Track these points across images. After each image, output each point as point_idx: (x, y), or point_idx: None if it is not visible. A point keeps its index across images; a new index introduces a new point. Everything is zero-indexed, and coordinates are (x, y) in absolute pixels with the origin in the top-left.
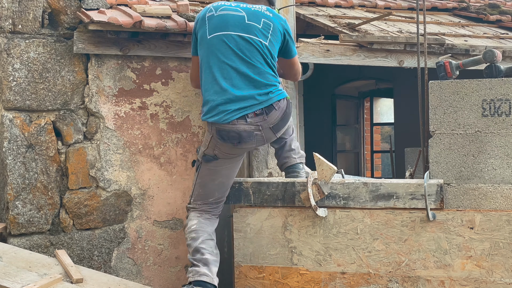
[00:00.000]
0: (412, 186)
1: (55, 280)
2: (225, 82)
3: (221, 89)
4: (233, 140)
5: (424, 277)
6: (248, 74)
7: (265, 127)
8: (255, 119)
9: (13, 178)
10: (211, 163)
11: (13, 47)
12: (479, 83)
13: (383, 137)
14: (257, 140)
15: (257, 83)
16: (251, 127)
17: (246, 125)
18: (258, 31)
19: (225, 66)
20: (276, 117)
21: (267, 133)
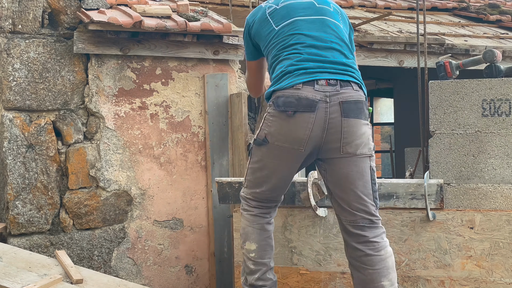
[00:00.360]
0: (412, 186)
1: (55, 281)
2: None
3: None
4: (288, 107)
5: (424, 277)
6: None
7: (334, 101)
8: (325, 87)
9: (13, 178)
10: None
11: (13, 47)
12: (479, 83)
13: (383, 137)
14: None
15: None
16: (316, 95)
17: (311, 92)
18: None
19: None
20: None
21: (333, 110)
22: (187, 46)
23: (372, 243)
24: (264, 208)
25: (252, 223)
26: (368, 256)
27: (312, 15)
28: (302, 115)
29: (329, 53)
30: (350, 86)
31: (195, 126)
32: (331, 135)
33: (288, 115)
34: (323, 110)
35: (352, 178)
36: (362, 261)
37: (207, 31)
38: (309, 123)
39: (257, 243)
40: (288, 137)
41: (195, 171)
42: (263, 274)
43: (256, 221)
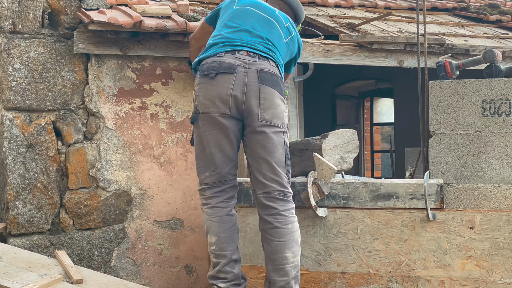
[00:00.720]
0: (412, 186)
1: (55, 281)
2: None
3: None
4: (211, 71)
5: (424, 277)
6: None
7: (252, 68)
8: (245, 57)
9: (13, 178)
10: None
11: (13, 47)
12: (479, 83)
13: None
14: (236, 79)
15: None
16: (236, 61)
17: (232, 59)
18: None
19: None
20: (268, 68)
21: (251, 76)
22: (188, 46)
23: (281, 216)
24: (219, 193)
25: (211, 216)
26: (275, 228)
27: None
28: (223, 76)
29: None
30: (267, 61)
31: None
32: (250, 99)
33: (211, 77)
34: (241, 74)
35: (268, 149)
36: (270, 233)
37: None
38: (229, 83)
39: (216, 235)
40: (213, 98)
41: (195, 171)
42: (223, 266)
43: (215, 214)
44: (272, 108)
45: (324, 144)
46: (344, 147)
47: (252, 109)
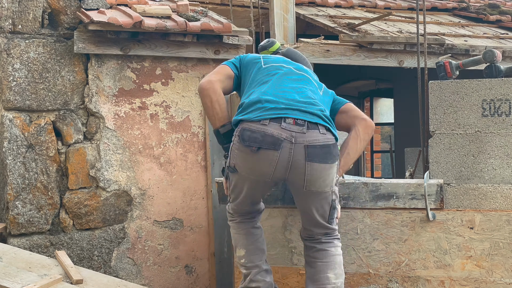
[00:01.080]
0: (412, 186)
1: (55, 281)
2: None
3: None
4: (253, 143)
5: (424, 277)
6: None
7: (299, 142)
8: (292, 126)
9: (13, 178)
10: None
11: (13, 47)
12: (479, 83)
13: (383, 137)
14: (281, 155)
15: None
16: (281, 133)
17: (277, 130)
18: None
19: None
20: (317, 140)
21: (297, 152)
22: (188, 46)
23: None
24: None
25: (238, 230)
26: (319, 251)
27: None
28: (266, 152)
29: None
30: (317, 128)
31: (195, 126)
32: (295, 175)
33: (252, 150)
34: (287, 150)
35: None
36: (313, 256)
37: (207, 31)
38: (273, 161)
39: (245, 248)
40: (253, 170)
41: (195, 171)
42: (254, 275)
43: (241, 227)
44: (320, 181)
45: None
46: None
47: (296, 182)
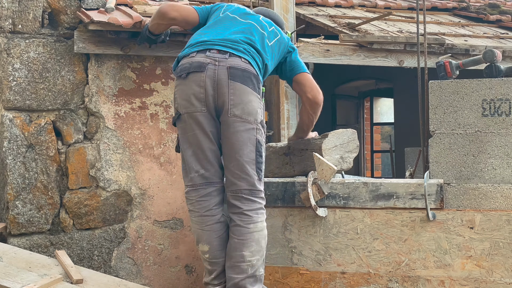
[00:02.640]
0: (412, 186)
1: (55, 281)
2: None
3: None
4: (182, 72)
5: (424, 277)
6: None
7: (222, 65)
8: (216, 54)
9: (13, 178)
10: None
11: (13, 47)
12: (479, 83)
13: (383, 137)
14: (207, 76)
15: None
16: (206, 60)
17: (202, 57)
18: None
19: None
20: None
21: (221, 72)
22: None
23: (244, 215)
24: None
25: (201, 225)
26: (236, 226)
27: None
28: (194, 75)
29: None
30: (239, 58)
31: None
32: (222, 95)
33: (183, 77)
34: (212, 71)
35: (238, 146)
36: (232, 231)
37: None
38: (201, 81)
39: (209, 243)
40: (188, 97)
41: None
42: (219, 273)
43: (205, 223)
44: (243, 104)
45: (324, 144)
46: (344, 147)
47: (223, 105)
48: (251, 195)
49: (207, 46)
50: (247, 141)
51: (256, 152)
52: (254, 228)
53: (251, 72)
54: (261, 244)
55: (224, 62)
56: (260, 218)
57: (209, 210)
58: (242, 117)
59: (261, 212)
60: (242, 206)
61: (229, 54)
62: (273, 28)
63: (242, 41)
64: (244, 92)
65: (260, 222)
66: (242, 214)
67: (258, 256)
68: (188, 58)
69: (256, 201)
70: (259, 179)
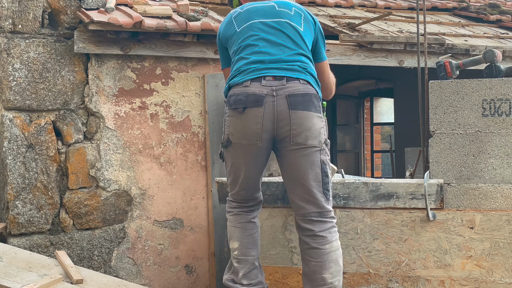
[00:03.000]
0: (412, 186)
1: (55, 281)
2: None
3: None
4: (238, 104)
5: (424, 277)
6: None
7: (281, 94)
8: (272, 82)
9: (13, 178)
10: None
11: (13, 47)
12: (479, 83)
13: (383, 137)
14: (265, 111)
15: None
16: (263, 90)
17: (258, 88)
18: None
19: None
20: (297, 89)
21: (280, 103)
22: (188, 45)
23: (318, 237)
24: (244, 207)
25: (234, 222)
26: (312, 249)
27: (270, 18)
28: (251, 110)
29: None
30: (297, 81)
31: (195, 126)
32: (282, 128)
33: (239, 111)
34: (270, 104)
35: (302, 170)
36: (307, 254)
37: (207, 30)
38: (258, 117)
39: (239, 240)
40: (244, 133)
41: (195, 171)
42: (248, 272)
43: (238, 220)
44: (306, 130)
45: None
46: None
47: (284, 136)
48: (320, 217)
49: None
50: (311, 165)
51: (322, 174)
52: (330, 248)
53: (311, 94)
54: (339, 263)
55: (282, 90)
56: (334, 237)
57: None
58: (306, 143)
59: (334, 230)
60: (314, 228)
61: (286, 79)
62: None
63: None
64: (307, 118)
65: (335, 241)
66: (315, 236)
67: (338, 276)
68: (242, 87)
69: (326, 221)
70: (327, 199)
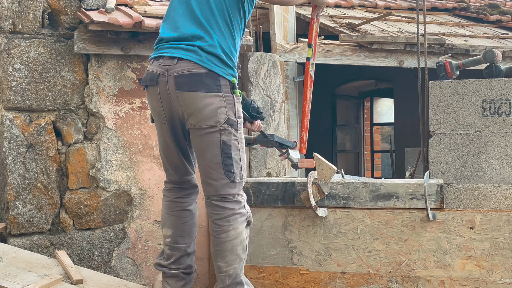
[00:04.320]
0: (412, 186)
1: (55, 281)
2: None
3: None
4: (142, 82)
5: (424, 277)
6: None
7: (171, 74)
8: (166, 61)
9: (13, 178)
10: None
11: (13, 47)
12: (479, 83)
13: (383, 137)
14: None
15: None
16: (158, 69)
17: (155, 67)
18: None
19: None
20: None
21: (171, 84)
22: None
23: (215, 225)
24: (177, 190)
25: (169, 210)
26: (212, 236)
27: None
28: (151, 89)
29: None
30: (187, 61)
31: None
32: (177, 107)
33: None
34: (163, 84)
35: (201, 151)
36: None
37: None
38: (156, 95)
39: (173, 229)
40: (152, 109)
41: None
42: (178, 258)
43: (173, 208)
44: (197, 112)
45: None
46: None
47: (181, 116)
48: (221, 200)
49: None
50: (208, 146)
51: (222, 154)
52: (226, 238)
53: (201, 73)
54: (236, 252)
55: (172, 70)
56: (232, 225)
57: (179, 197)
58: (199, 124)
59: (233, 218)
60: (213, 215)
61: (177, 59)
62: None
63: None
64: (195, 100)
65: (232, 230)
66: (212, 223)
67: (235, 264)
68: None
69: (226, 208)
70: (230, 182)
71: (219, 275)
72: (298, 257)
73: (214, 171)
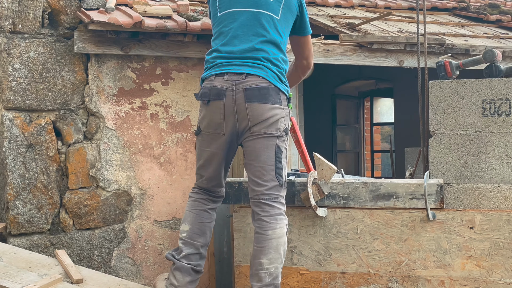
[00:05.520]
0: (412, 186)
1: (55, 281)
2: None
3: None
4: (204, 97)
5: (424, 277)
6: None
7: (239, 88)
8: (233, 77)
9: (13, 178)
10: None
11: (13, 47)
12: (479, 83)
13: (383, 137)
14: (226, 102)
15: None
16: (224, 85)
17: (220, 82)
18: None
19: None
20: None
21: (239, 97)
22: (188, 46)
23: (263, 222)
24: (204, 196)
25: (191, 208)
26: (256, 234)
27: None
28: (214, 103)
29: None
30: (255, 76)
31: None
32: (242, 119)
33: (204, 103)
34: (230, 98)
35: (256, 153)
36: (254, 238)
37: (207, 30)
38: (220, 109)
39: (191, 225)
40: (210, 122)
41: (195, 171)
42: (190, 254)
43: (195, 207)
44: (263, 121)
45: None
46: None
47: (244, 127)
48: (270, 200)
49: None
50: (266, 147)
51: (276, 157)
52: (272, 235)
53: (268, 87)
54: (279, 251)
55: (241, 84)
56: (279, 224)
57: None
58: (261, 131)
59: (280, 218)
60: (260, 212)
61: (246, 75)
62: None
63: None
64: (262, 110)
65: (279, 229)
66: (260, 220)
67: (276, 263)
68: (208, 82)
69: (274, 207)
70: (279, 185)
71: (259, 273)
72: (298, 257)
73: (267, 173)
